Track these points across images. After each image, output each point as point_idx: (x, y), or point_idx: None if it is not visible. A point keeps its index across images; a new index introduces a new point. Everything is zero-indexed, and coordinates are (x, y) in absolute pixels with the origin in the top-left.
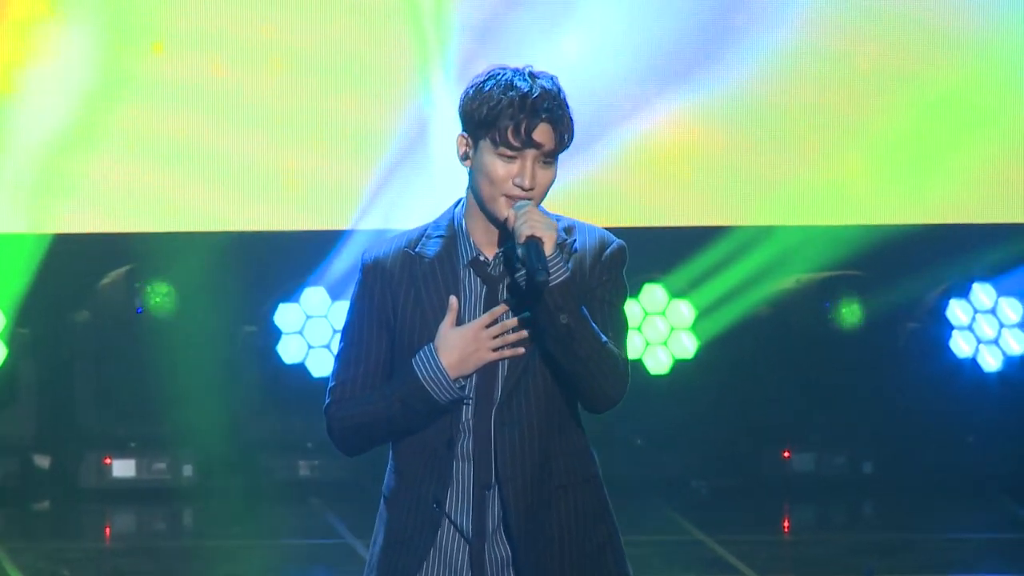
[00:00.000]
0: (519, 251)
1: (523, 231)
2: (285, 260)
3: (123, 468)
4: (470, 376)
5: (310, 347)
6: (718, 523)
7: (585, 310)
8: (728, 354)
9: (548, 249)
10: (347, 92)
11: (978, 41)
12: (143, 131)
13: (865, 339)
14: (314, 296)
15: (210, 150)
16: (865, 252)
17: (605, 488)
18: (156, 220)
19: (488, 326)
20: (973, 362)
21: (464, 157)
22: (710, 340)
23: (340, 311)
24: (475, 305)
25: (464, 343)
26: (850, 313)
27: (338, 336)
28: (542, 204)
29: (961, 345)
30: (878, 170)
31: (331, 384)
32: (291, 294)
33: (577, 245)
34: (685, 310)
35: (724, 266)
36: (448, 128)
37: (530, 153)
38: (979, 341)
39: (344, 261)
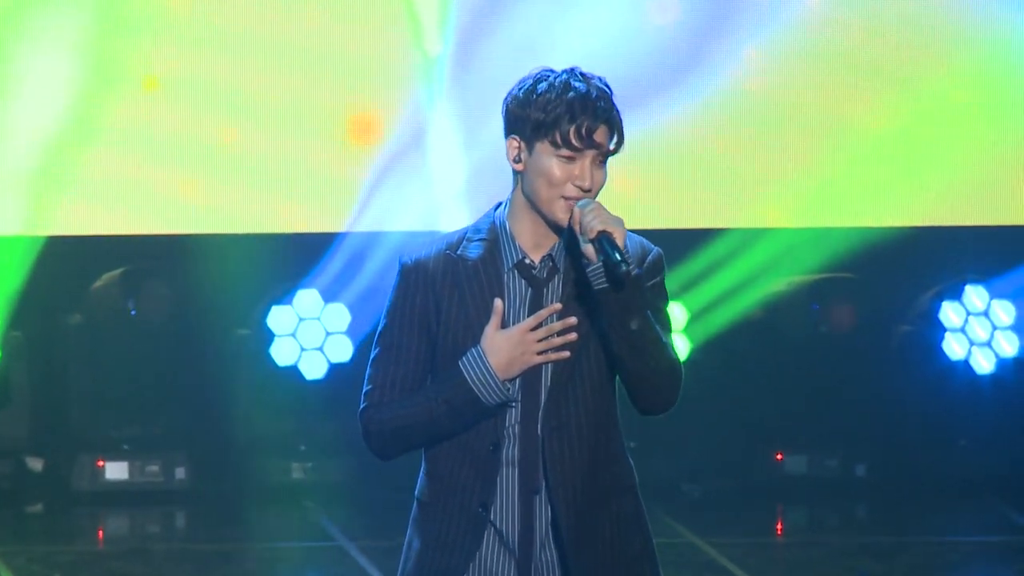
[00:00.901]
0: (584, 246)
1: (593, 225)
2: (278, 262)
3: (116, 470)
4: (514, 379)
5: (303, 349)
6: (711, 526)
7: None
8: (721, 356)
9: (620, 243)
10: (341, 94)
11: (970, 43)
12: (137, 133)
13: (858, 341)
14: (307, 298)
15: (203, 152)
16: (858, 254)
17: (641, 497)
18: (150, 223)
19: (533, 329)
20: (966, 364)
21: (516, 160)
22: (703, 342)
23: (333, 313)
24: (519, 308)
25: (510, 346)
26: (842, 315)
27: (331, 339)
28: None
29: (954, 347)
30: (870, 172)
31: (367, 388)
32: (284, 296)
33: None
34: (677, 312)
35: (716, 269)
36: (442, 129)
37: (589, 153)
38: (972, 343)
39: (337, 263)
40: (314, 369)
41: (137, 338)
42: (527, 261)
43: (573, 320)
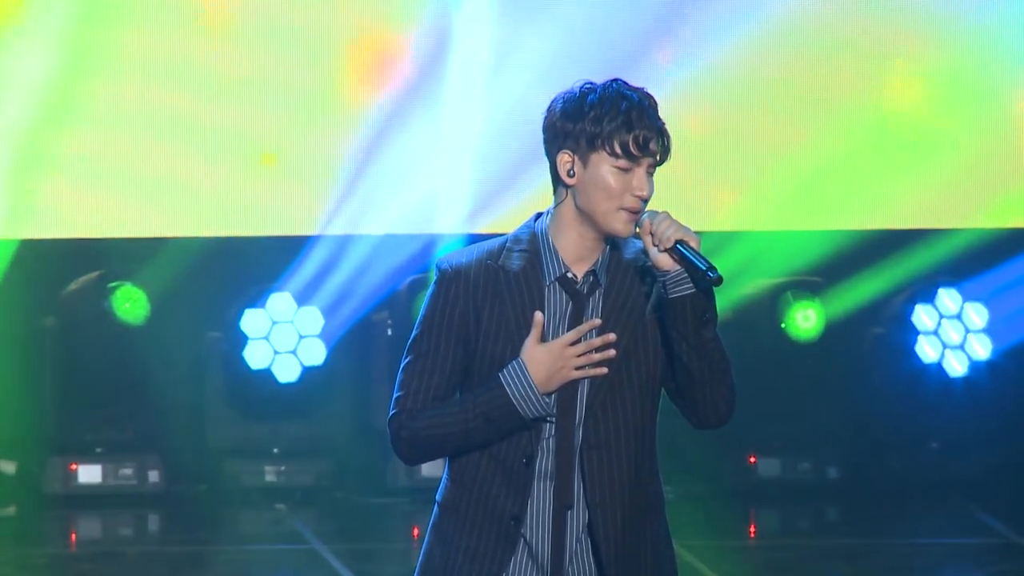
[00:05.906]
0: (658, 256)
1: (669, 235)
2: (251, 266)
3: (89, 474)
4: (552, 394)
5: (276, 353)
6: (684, 528)
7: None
8: None
9: (697, 251)
10: (314, 99)
11: (939, 47)
12: (111, 137)
13: (831, 344)
14: (280, 302)
15: (178, 156)
16: (830, 257)
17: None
18: (124, 226)
19: (573, 343)
20: (939, 367)
21: (569, 175)
22: None
23: (306, 317)
24: (560, 322)
25: (551, 360)
26: (815, 318)
27: (304, 342)
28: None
29: (927, 350)
30: (842, 175)
31: (398, 395)
32: (257, 300)
33: None
34: None
35: None
36: (412, 134)
37: (645, 162)
38: (945, 346)
39: (310, 267)
40: (287, 372)
41: (110, 341)
42: (569, 275)
43: (612, 336)
